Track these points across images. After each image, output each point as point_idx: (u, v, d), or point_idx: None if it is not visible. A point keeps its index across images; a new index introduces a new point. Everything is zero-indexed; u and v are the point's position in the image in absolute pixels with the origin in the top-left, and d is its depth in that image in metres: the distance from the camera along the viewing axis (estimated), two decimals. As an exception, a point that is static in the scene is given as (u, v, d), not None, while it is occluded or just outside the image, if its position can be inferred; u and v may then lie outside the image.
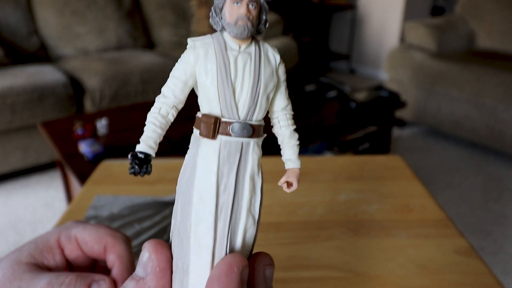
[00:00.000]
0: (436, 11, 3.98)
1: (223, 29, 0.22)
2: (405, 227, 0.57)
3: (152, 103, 0.23)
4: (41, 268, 0.26)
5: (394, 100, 1.99)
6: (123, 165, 0.72)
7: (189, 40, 0.22)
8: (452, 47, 2.64)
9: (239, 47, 0.22)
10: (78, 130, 1.53)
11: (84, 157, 1.40)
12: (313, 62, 3.86)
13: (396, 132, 2.65)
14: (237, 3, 0.21)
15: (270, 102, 0.23)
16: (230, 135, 0.21)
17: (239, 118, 0.21)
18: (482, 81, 2.26)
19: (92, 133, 1.54)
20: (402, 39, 3.45)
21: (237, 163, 0.21)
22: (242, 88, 0.21)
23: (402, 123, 2.74)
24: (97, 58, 2.41)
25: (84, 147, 1.40)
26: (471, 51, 2.66)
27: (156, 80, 2.29)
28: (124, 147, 1.46)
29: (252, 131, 0.21)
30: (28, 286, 0.24)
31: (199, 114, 0.22)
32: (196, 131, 0.22)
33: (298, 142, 0.24)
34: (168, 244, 0.22)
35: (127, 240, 0.29)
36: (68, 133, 1.57)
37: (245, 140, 0.21)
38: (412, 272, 0.49)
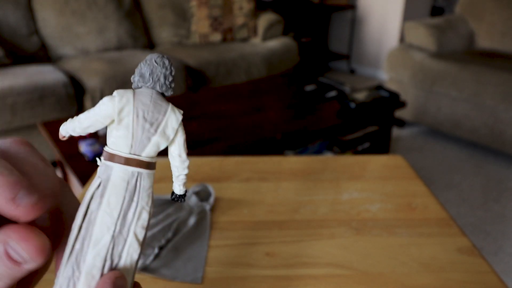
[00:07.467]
0: (436, 11, 3.98)
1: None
2: (407, 226, 0.57)
3: None
4: None
5: (394, 100, 1.99)
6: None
7: None
8: (452, 47, 2.64)
9: None
10: (79, 130, 1.53)
11: (84, 157, 1.40)
12: (313, 62, 3.87)
13: (396, 132, 2.65)
14: None
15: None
16: None
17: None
18: (481, 81, 2.26)
19: (92, 133, 1.54)
20: (402, 39, 3.46)
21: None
22: None
23: (402, 123, 2.75)
24: (97, 58, 2.41)
25: (84, 147, 1.40)
26: (471, 51, 2.67)
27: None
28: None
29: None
30: None
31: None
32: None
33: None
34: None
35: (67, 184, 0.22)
36: (69, 133, 1.56)
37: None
38: (414, 270, 0.49)
